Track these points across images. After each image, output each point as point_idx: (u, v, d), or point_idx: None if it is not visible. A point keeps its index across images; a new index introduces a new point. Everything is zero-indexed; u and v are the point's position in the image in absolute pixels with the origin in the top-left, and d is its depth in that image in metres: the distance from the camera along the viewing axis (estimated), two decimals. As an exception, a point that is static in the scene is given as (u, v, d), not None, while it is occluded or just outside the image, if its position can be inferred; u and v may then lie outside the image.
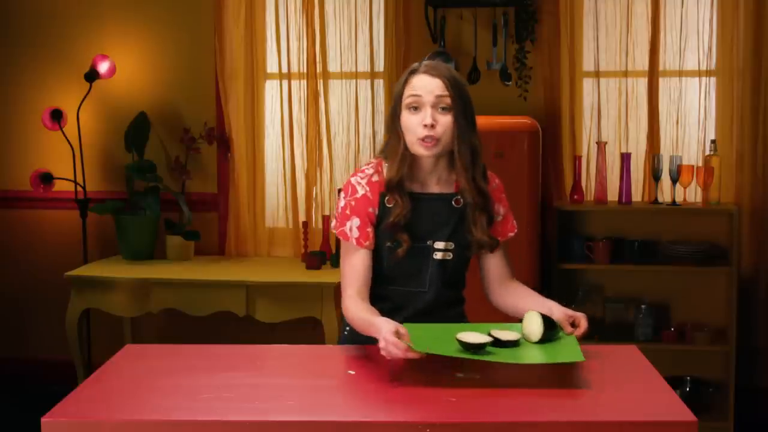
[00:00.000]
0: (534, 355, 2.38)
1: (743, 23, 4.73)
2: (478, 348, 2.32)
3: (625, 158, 4.74)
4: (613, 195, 4.79)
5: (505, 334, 2.41)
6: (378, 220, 2.63)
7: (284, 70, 5.07)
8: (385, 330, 2.31)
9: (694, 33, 4.84)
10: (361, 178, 2.64)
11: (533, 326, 2.46)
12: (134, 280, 4.63)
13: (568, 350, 2.39)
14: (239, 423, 2.04)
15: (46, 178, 5.10)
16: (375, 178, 2.64)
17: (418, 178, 2.65)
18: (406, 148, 2.60)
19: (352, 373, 2.36)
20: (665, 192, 4.79)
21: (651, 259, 4.75)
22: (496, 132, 4.44)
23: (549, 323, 2.46)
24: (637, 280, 4.88)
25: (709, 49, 4.81)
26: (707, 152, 4.76)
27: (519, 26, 4.85)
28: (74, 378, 4.72)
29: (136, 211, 5.02)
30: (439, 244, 2.64)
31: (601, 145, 4.77)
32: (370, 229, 2.62)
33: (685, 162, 4.74)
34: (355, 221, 2.62)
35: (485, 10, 4.89)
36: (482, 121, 4.51)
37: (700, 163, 4.75)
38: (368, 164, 2.69)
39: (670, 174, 4.68)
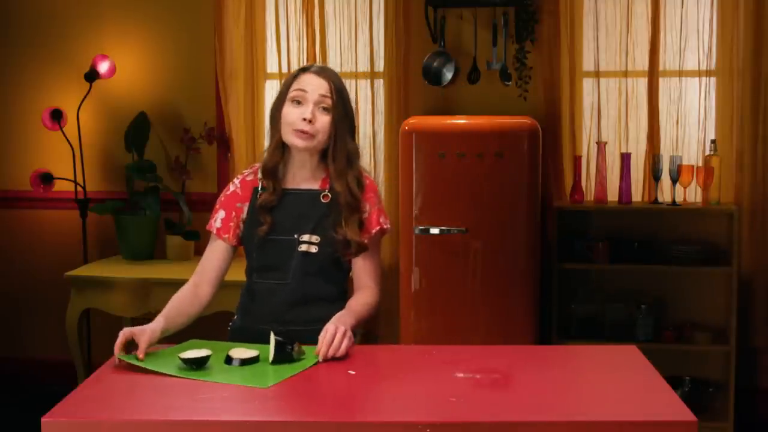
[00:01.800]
0: (242, 376, 2.33)
1: (743, 23, 4.72)
2: (200, 363, 2.36)
3: (625, 158, 4.74)
4: (613, 195, 4.79)
5: (242, 352, 2.44)
6: (249, 216, 2.76)
7: (284, 70, 5.08)
8: (130, 328, 2.48)
9: (694, 33, 4.84)
10: (236, 179, 2.85)
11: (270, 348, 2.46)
12: (134, 280, 4.63)
13: (273, 373, 2.34)
14: (239, 423, 2.04)
15: (46, 178, 5.10)
16: (249, 177, 2.82)
17: (289, 172, 2.78)
18: (281, 138, 2.73)
19: (353, 373, 2.36)
20: (665, 192, 4.79)
21: (651, 259, 4.75)
22: (496, 132, 4.44)
23: (280, 345, 2.42)
24: (637, 280, 4.88)
25: (709, 49, 4.81)
26: (707, 152, 4.76)
27: (519, 26, 4.85)
28: (74, 378, 4.72)
29: (136, 211, 5.02)
30: (304, 237, 2.73)
31: (601, 145, 4.77)
32: (233, 224, 2.78)
33: (685, 162, 4.74)
34: (221, 213, 2.80)
35: (485, 10, 4.89)
36: (482, 121, 4.56)
37: (700, 163, 4.75)
38: (249, 167, 2.88)
39: (670, 174, 4.68)
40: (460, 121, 4.61)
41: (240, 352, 2.44)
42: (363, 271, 2.79)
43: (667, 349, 4.70)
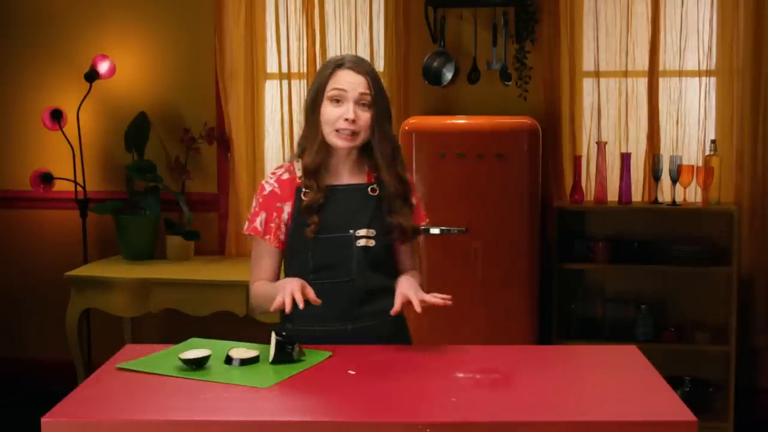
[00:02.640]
0: (242, 376, 2.34)
1: (743, 23, 4.73)
2: (200, 363, 2.36)
3: (625, 158, 4.74)
4: (613, 195, 4.79)
5: (242, 352, 2.43)
6: (295, 217, 2.70)
7: (284, 70, 5.08)
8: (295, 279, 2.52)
9: (694, 33, 4.84)
10: (270, 178, 2.76)
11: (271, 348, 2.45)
12: (134, 280, 4.63)
13: (273, 373, 2.35)
14: (239, 423, 2.04)
15: (46, 178, 5.10)
16: (285, 176, 2.75)
17: (331, 169, 2.74)
18: (323, 138, 2.69)
19: (353, 373, 2.36)
20: (665, 192, 4.79)
21: (651, 259, 4.75)
22: (496, 132, 4.44)
23: (280, 345, 2.42)
24: (637, 280, 4.88)
25: (709, 49, 4.81)
26: (707, 152, 4.76)
27: (519, 26, 4.85)
28: (74, 378, 4.72)
29: (136, 211, 5.02)
30: (361, 232, 2.70)
31: (601, 145, 4.77)
32: (274, 225, 2.72)
33: (685, 162, 4.74)
34: (262, 216, 2.73)
35: (485, 10, 4.89)
36: (482, 121, 4.56)
37: (700, 163, 4.75)
38: (279, 167, 2.80)
39: (670, 174, 4.68)
40: (460, 121, 4.61)
41: (240, 352, 2.44)
42: (407, 256, 2.84)
43: (667, 349, 4.70)
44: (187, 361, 2.37)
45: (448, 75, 4.93)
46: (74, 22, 5.26)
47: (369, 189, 2.74)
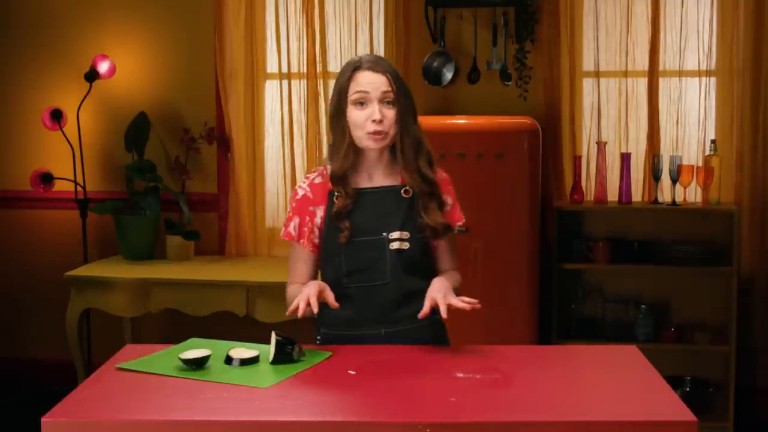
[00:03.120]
0: (242, 376, 2.33)
1: (743, 23, 4.72)
2: (200, 363, 2.36)
3: (625, 158, 4.74)
4: (613, 195, 4.79)
5: (242, 352, 2.44)
6: (327, 222, 2.69)
7: (284, 70, 5.08)
8: (313, 288, 2.51)
9: (694, 33, 4.83)
10: (303, 182, 2.76)
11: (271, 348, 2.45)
12: (134, 280, 4.63)
13: (273, 373, 2.35)
14: (239, 423, 2.04)
15: (46, 178, 5.10)
16: (318, 180, 2.74)
17: (363, 172, 2.72)
18: (351, 142, 2.67)
19: (353, 373, 2.36)
20: (665, 192, 4.79)
21: (651, 259, 4.75)
22: (496, 132, 4.44)
23: (280, 345, 2.42)
24: (637, 280, 4.88)
25: (709, 49, 4.81)
26: (707, 152, 4.76)
27: (519, 26, 4.85)
28: (74, 378, 4.72)
29: (136, 211, 5.02)
30: (394, 234, 2.68)
31: (601, 145, 4.76)
32: (307, 229, 2.71)
33: (685, 162, 4.74)
34: (296, 220, 2.73)
35: (485, 10, 4.89)
36: (482, 121, 4.56)
37: (700, 163, 4.74)
38: (313, 170, 2.80)
39: (670, 174, 4.68)
40: (460, 121, 4.61)
41: (240, 352, 2.44)
42: (446, 256, 2.81)
43: (667, 349, 4.70)
44: (187, 361, 2.37)
45: (448, 75, 4.93)
46: (74, 22, 5.26)
47: (402, 191, 2.71)
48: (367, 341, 2.64)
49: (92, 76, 5.06)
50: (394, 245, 2.67)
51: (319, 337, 2.77)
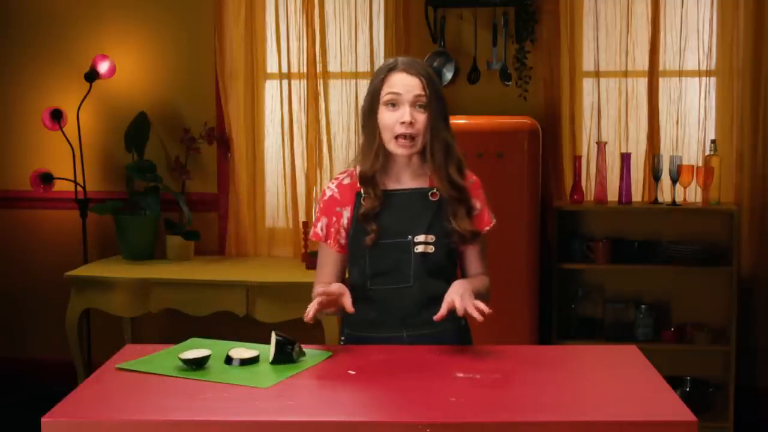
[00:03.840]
0: (242, 376, 2.33)
1: (743, 23, 4.73)
2: (200, 363, 2.36)
3: (625, 158, 4.74)
4: (613, 195, 4.79)
5: (242, 352, 2.43)
6: (354, 223, 2.68)
7: (284, 70, 5.08)
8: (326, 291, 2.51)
9: (694, 33, 4.84)
10: (332, 183, 2.75)
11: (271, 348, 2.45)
12: (134, 280, 4.63)
13: (273, 373, 2.35)
14: (239, 423, 2.04)
15: (46, 178, 5.10)
16: (346, 181, 2.72)
17: (392, 173, 2.70)
18: (381, 143, 2.65)
19: (353, 373, 2.36)
20: (665, 192, 4.79)
21: (651, 259, 4.75)
22: (496, 132, 4.44)
23: (280, 345, 2.42)
24: (637, 280, 4.88)
25: (709, 49, 4.81)
26: (707, 152, 4.76)
27: (519, 26, 4.85)
28: (74, 378, 4.71)
29: (136, 211, 5.02)
30: (419, 238, 2.66)
31: (601, 145, 4.77)
32: (334, 230, 2.70)
33: (685, 162, 4.74)
34: (323, 221, 2.72)
35: (485, 10, 4.89)
36: (482, 121, 4.56)
37: (700, 163, 4.75)
38: (342, 171, 2.78)
39: (670, 174, 4.68)
40: (460, 121, 4.60)
41: (240, 352, 2.44)
42: (476, 260, 2.80)
43: (667, 349, 4.70)
44: (187, 361, 2.37)
45: (448, 75, 4.93)
46: (74, 22, 5.26)
47: (429, 194, 2.69)
48: (390, 344, 2.62)
49: (92, 76, 5.06)
50: (419, 248, 2.65)
51: (342, 338, 2.77)
